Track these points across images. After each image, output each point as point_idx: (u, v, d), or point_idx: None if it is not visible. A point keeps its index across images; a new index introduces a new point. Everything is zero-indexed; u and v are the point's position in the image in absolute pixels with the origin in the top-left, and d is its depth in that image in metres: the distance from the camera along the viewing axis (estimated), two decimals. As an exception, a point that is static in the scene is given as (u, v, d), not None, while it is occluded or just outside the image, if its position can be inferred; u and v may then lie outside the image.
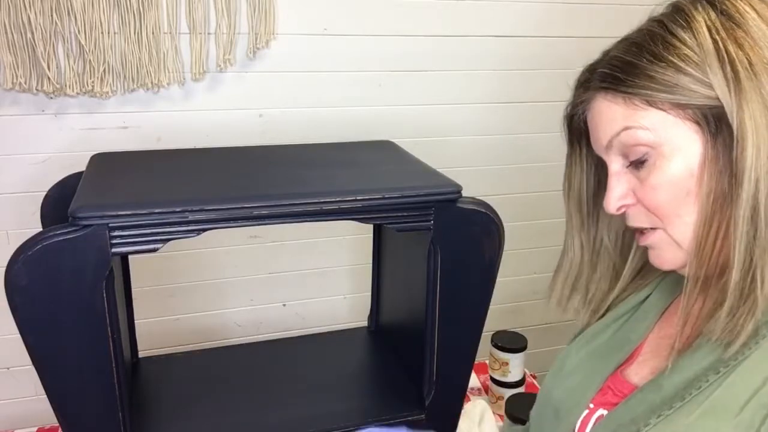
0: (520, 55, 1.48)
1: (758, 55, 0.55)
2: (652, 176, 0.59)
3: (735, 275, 0.56)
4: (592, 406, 0.68)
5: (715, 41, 0.56)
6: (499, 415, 1.27)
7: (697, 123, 0.57)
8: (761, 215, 0.54)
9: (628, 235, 0.72)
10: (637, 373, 0.68)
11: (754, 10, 0.57)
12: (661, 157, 0.59)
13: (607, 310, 0.75)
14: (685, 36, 0.57)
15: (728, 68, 0.55)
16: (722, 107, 0.55)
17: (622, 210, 0.64)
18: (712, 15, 0.57)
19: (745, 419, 0.55)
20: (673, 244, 0.61)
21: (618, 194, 0.63)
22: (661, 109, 0.58)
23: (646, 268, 0.74)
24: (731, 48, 0.55)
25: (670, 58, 0.57)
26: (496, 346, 1.33)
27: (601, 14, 1.50)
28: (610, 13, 1.50)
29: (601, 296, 0.75)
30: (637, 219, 0.63)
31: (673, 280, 0.71)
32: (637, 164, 0.61)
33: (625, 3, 1.49)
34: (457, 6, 1.40)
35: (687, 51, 0.56)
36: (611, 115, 0.61)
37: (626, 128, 0.60)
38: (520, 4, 1.45)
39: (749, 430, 0.54)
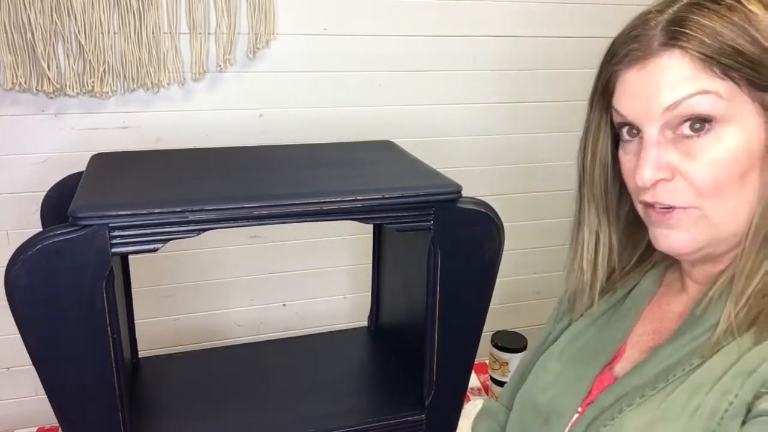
0: (520, 55, 1.48)
1: None
2: (711, 150, 0.57)
3: None
4: (580, 410, 0.68)
5: None
6: (499, 415, 1.27)
7: (765, 108, 0.56)
8: None
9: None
10: (622, 368, 0.68)
11: None
12: (726, 133, 0.56)
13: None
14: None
15: None
16: None
17: (655, 184, 0.59)
18: None
19: (722, 386, 0.56)
20: (706, 224, 0.59)
21: (656, 164, 0.58)
22: (737, 83, 0.56)
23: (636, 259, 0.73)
24: None
25: (756, 36, 0.55)
26: (496, 346, 1.33)
27: (601, 14, 1.50)
28: (610, 13, 1.50)
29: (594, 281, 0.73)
30: (670, 196, 0.59)
31: (654, 276, 0.72)
32: (689, 136, 0.57)
33: (624, 3, 1.49)
34: (456, 6, 1.40)
35: None
36: (683, 75, 0.57)
37: (703, 92, 0.56)
38: (520, 4, 1.45)
39: (727, 395, 0.55)
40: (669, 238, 0.61)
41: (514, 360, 1.31)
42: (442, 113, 1.47)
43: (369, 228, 1.23)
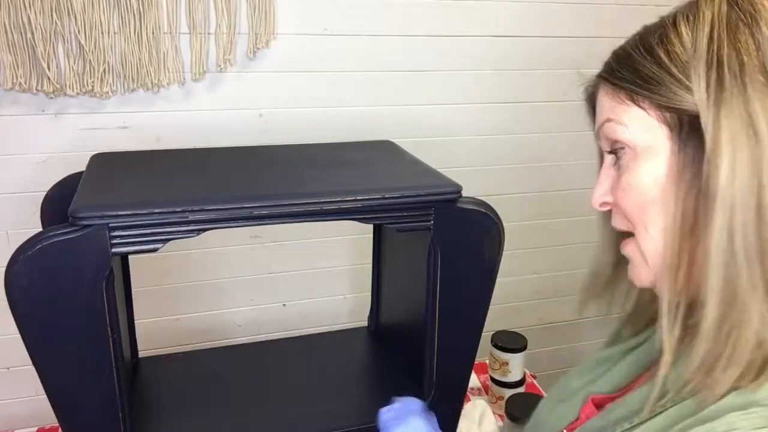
0: (520, 54, 1.48)
1: (754, 62, 0.48)
2: (623, 177, 0.56)
3: (710, 314, 0.49)
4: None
5: (710, 40, 0.50)
6: (499, 415, 1.27)
7: (670, 128, 0.52)
8: (738, 247, 0.48)
9: None
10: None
11: None
12: (634, 159, 0.55)
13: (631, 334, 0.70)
14: (684, 30, 0.52)
15: (713, 74, 0.49)
16: (698, 115, 0.50)
17: (606, 207, 0.60)
18: (723, 8, 0.51)
19: None
20: (641, 257, 0.56)
21: (602, 190, 0.59)
22: (641, 107, 0.54)
23: None
24: (725, 51, 0.49)
25: (659, 53, 0.52)
26: (496, 346, 1.32)
27: (601, 14, 1.50)
28: (611, 13, 1.50)
29: (643, 306, 0.67)
30: (615, 220, 0.59)
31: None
32: (616, 161, 0.57)
33: (625, 3, 1.50)
34: (456, 6, 1.40)
35: (678, 48, 0.51)
36: (601, 105, 0.58)
37: (608, 120, 0.57)
38: (520, 3, 1.45)
39: None
40: (629, 271, 0.60)
41: (514, 360, 1.31)
42: (442, 113, 1.47)
43: (369, 228, 1.23)
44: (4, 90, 1.18)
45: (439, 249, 0.90)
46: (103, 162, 0.98)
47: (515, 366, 1.32)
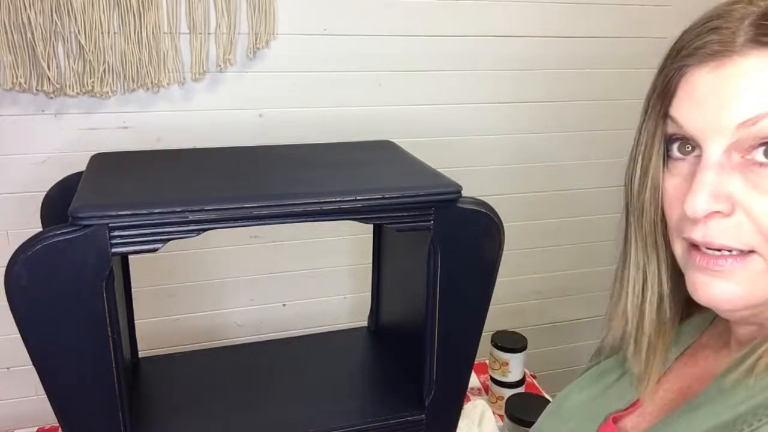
0: (520, 55, 1.48)
1: None
2: None
3: None
4: None
5: None
6: (499, 415, 1.27)
7: None
8: None
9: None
10: (636, 425, 0.60)
11: None
12: None
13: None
14: None
15: None
16: None
17: (707, 217, 0.48)
18: None
19: None
20: (766, 278, 0.48)
21: (714, 191, 0.47)
22: None
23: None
24: None
25: None
26: (496, 346, 1.33)
27: (601, 14, 1.50)
28: (611, 13, 1.50)
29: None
30: (725, 235, 0.48)
31: (699, 321, 0.62)
32: (762, 164, 0.46)
33: (626, 3, 1.49)
34: (456, 6, 1.40)
35: None
36: (754, 87, 0.45)
37: None
38: (520, 3, 1.45)
39: None
40: (712, 288, 0.50)
41: (514, 360, 1.31)
42: (442, 113, 1.47)
43: (369, 228, 1.23)
44: (4, 90, 1.18)
45: (439, 249, 0.90)
46: (103, 162, 0.98)
47: (515, 366, 1.32)
